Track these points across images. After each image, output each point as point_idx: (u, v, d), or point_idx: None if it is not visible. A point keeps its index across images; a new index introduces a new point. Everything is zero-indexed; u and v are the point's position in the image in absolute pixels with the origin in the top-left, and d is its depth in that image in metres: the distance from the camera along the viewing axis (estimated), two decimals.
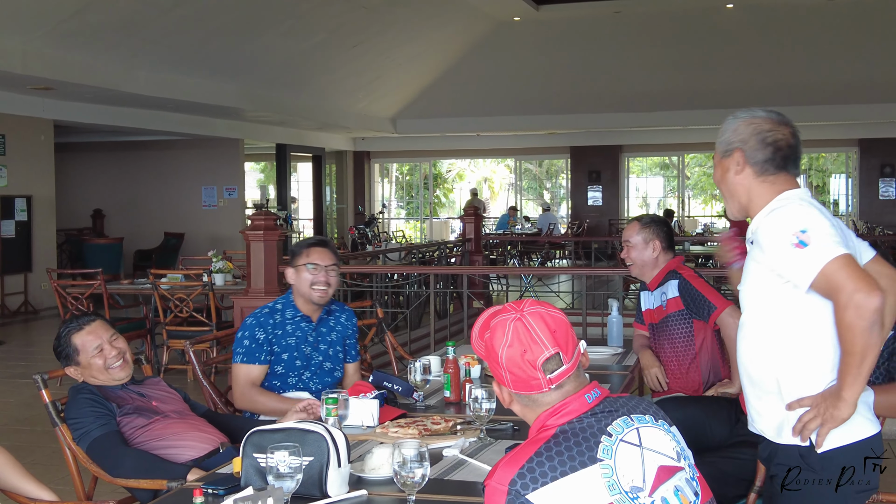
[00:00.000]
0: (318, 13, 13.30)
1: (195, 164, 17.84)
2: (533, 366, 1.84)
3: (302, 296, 3.75)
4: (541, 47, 17.71)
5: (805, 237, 2.23)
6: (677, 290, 4.09)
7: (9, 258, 12.46)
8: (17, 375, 8.41)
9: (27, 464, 2.91)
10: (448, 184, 30.04)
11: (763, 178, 2.43)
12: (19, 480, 2.76)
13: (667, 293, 4.14)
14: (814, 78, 17.06)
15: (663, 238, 4.20)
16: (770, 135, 2.42)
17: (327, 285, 3.73)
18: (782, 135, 2.42)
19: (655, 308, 4.24)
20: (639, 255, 4.21)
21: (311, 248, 3.77)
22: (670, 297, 4.12)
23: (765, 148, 2.41)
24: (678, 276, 4.12)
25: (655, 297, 4.23)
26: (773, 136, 2.42)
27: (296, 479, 2.22)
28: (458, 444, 2.81)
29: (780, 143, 2.42)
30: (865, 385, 2.24)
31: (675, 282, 4.11)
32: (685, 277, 4.10)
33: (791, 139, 2.43)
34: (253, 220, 7.02)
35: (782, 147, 2.42)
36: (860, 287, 2.14)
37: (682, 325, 4.11)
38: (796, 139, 2.44)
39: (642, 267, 4.23)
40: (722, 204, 26.13)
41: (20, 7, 9.66)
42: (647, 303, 4.33)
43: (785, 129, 2.43)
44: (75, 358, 3.31)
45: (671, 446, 1.87)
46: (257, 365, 3.67)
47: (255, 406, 3.64)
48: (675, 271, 4.16)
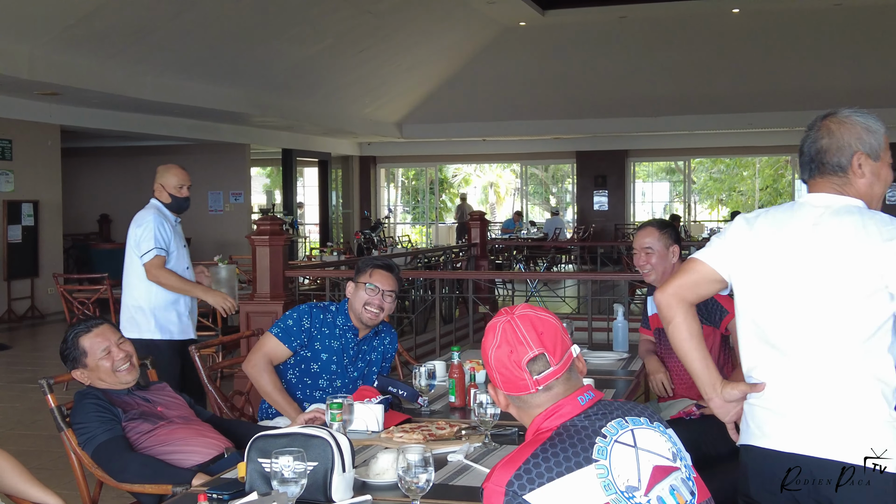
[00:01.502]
0: (324, 19, 13.33)
1: (201, 169, 17.81)
2: (518, 366, 1.87)
3: (354, 311, 3.75)
4: (547, 52, 17.71)
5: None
6: None
7: (15, 263, 12.49)
8: (23, 380, 8.43)
9: (33, 468, 2.91)
10: (454, 189, 30.05)
11: (808, 186, 2.44)
12: (24, 485, 2.76)
13: None
14: (819, 82, 17.03)
15: (678, 243, 4.16)
16: (803, 142, 2.43)
17: (380, 309, 3.71)
18: (805, 139, 2.43)
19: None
20: (661, 261, 4.08)
21: (375, 270, 3.75)
22: None
23: (801, 157, 2.43)
24: None
25: None
26: (802, 143, 2.43)
27: (300, 485, 2.21)
28: (462, 449, 2.81)
29: (803, 147, 2.42)
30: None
31: None
32: None
33: (804, 143, 2.42)
34: (258, 224, 7.04)
35: (804, 152, 2.41)
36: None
37: None
38: (812, 141, 2.40)
39: (663, 273, 4.09)
40: (727, 208, 26.13)
41: (27, 12, 9.70)
42: (656, 308, 4.28)
43: (813, 132, 2.40)
44: (83, 360, 3.31)
45: (666, 447, 1.88)
46: (285, 346, 3.66)
47: (258, 378, 3.60)
48: None
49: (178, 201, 5.32)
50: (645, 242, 4.11)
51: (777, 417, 2.35)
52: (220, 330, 7.63)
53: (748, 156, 24.58)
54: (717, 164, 27.86)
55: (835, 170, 2.35)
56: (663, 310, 2.51)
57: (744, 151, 22.75)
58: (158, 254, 5.00)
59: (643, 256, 4.12)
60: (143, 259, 5.00)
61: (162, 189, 5.31)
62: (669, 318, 2.50)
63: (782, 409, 2.34)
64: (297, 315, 3.72)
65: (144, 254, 5.00)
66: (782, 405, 2.34)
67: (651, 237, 4.10)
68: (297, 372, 3.72)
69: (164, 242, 5.04)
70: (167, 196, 5.29)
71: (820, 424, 2.28)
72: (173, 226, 5.24)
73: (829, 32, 16.42)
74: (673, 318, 2.49)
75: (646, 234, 4.14)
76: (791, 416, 2.32)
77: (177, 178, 5.33)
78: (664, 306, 2.51)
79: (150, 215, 5.12)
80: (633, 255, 4.24)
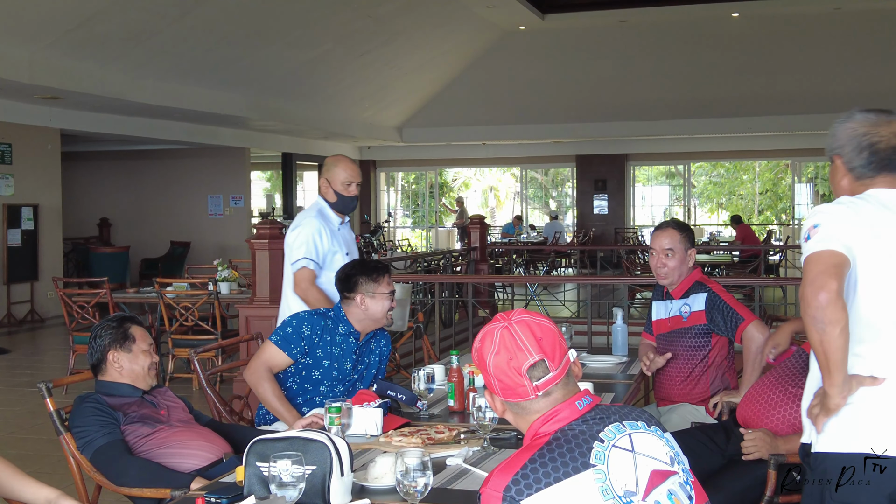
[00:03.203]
0: (324, 23, 13.34)
1: (201, 173, 17.89)
2: (518, 372, 1.86)
3: (372, 319, 3.74)
4: (546, 56, 17.73)
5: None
6: (704, 303, 3.98)
7: (15, 267, 12.49)
8: (22, 384, 8.43)
9: (32, 472, 2.90)
10: (454, 193, 30.06)
11: (861, 183, 2.39)
12: (20, 484, 2.75)
13: (691, 306, 4.03)
14: (819, 86, 17.05)
15: (693, 245, 4.12)
16: (866, 138, 2.38)
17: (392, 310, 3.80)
18: (880, 136, 2.37)
19: (671, 317, 4.12)
20: (680, 264, 4.04)
21: (383, 276, 3.75)
22: (695, 309, 4.02)
23: (860, 153, 2.38)
24: (707, 290, 4.01)
25: (675, 306, 4.11)
26: (868, 140, 2.38)
27: (298, 489, 2.21)
28: (461, 453, 2.81)
29: (879, 144, 2.37)
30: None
31: (704, 295, 3.99)
32: (714, 291, 3.99)
33: (893, 139, 2.37)
34: (258, 228, 7.04)
35: (881, 149, 2.37)
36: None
37: (699, 339, 4.03)
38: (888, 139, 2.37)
39: (679, 276, 4.07)
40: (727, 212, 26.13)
41: (28, 17, 9.71)
42: (661, 312, 4.21)
43: (885, 128, 2.37)
44: (129, 345, 3.33)
45: (664, 451, 1.88)
46: (285, 355, 3.65)
47: (258, 386, 3.58)
48: (702, 283, 4.06)
49: (345, 201, 4.49)
50: (665, 244, 4.06)
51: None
52: (219, 334, 7.63)
53: (748, 160, 24.57)
54: (716, 168, 27.85)
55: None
56: (831, 312, 2.19)
57: (743, 155, 22.76)
58: (307, 265, 4.31)
59: (662, 258, 4.05)
60: (292, 267, 4.38)
61: (328, 186, 4.48)
62: (837, 320, 2.19)
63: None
64: (296, 322, 3.70)
65: (294, 262, 4.37)
66: None
67: (672, 238, 4.05)
68: (298, 379, 3.72)
69: (318, 254, 4.36)
70: (332, 194, 4.47)
71: None
72: (335, 231, 4.49)
73: (829, 37, 16.44)
74: (840, 320, 2.20)
75: (666, 234, 4.08)
76: None
77: (346, 172, 4.47)
78: (834, 308, 2.19)
79: (309, 218, 4.40)
80: (650, 255, 4.16)
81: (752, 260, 14.07)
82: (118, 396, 3.30)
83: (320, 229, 4.36)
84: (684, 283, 4.09)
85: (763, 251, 14.20)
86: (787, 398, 3.18)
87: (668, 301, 4.18)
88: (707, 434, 3.53)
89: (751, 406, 3.30)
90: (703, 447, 3.43)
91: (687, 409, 4.07)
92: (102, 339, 3.34)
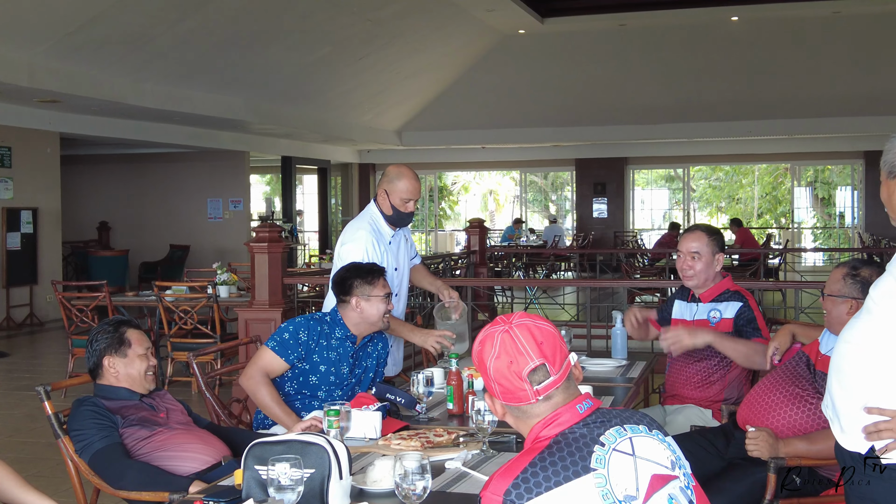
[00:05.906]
0: (323, 26, 13.34)
1: (201, 176, 17.89)
2: (519, 377, 1.86)
3: (368, 322, 3.73)
4: (546, 60, 17.74)
5: None
6: (736, 312, 3.96)
7: (14, 270, 12.48)
8: (21, 388, 8.41)
9: (30, 476, 2.90)
10: (453, 196, 30.06)
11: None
12: (20, 491, 2.75)
13: (722, 312, 4.01)
14: (818, 90, 17.06)
15: (723, 250, 4.10)
16: None
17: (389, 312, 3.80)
18: None
19: (697, 321, 4.08)
20: (706, 267, 4.02)
21: (379, 279, 3.74)
22: (725, 316, 3.99)
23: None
24: (743, 300, 3.99)
25: (702, 310, 4.09)
26: None
27: (297, 492, 2.21)
28: (460, 456, 2.80)
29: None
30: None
31: (739, 304, 3.97)
32: (750, 304, 3.97)
33: None
34: (257, 232, 7.03)
35: None
36: None
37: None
38: None
39: (706, 280, 4.05)
40: (727, 215, 26.15)
41: (27, 20, 9.71)
42: (685, 313, 4.19)
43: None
44: (124, 350, 3.33)
45: (665, 455, 1.88)
46: (282, 360, 3.63)
47: (255, 392, 3.57)
48: (738, 293, 4.03)
49: (402, 217, 4.29)
50: (692, 247, 4.05)
51: None
52: (218, 337, 7.62)
53: (747, 163, 24.59)
54: (716, 172, 27.88)
55: None
56: None
57: (743, 159, 22.76)
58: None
59: (688, 260, 4.04)
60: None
61: (385, 197, 4.25)
62: None
63: None
64: (293, 328, 3.69)
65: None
66: None
67: (699, 241, 4.04)
68: (296, 384, 3.71)
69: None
70: (389, 207, 4.26)
71: None
72: (388, 246, 4.31)
73: (829, 40, 16.45)
74: None
75: (694, 237, 4.07)
76: None
77: (409, 189, 4.23)
78: None
79: (362, 232, 4.21)
80: (677, 257, 4.15)
81: (751, 263, 14.07)
82: (116, 400, 3.29)
83: (375, 242, 4.22)
84: (714, 288, 4.08)
85: (762, 255, 14.20)
86: (788, 400, 3.18)
87: (693, 303, 4.16)
88: (707, 437, 3.53)
89: (751, 408, 3.30)
90: (703, 451, 3.43)
91: (693, 412, 4.04)
92: (98, 343, 3.33)
